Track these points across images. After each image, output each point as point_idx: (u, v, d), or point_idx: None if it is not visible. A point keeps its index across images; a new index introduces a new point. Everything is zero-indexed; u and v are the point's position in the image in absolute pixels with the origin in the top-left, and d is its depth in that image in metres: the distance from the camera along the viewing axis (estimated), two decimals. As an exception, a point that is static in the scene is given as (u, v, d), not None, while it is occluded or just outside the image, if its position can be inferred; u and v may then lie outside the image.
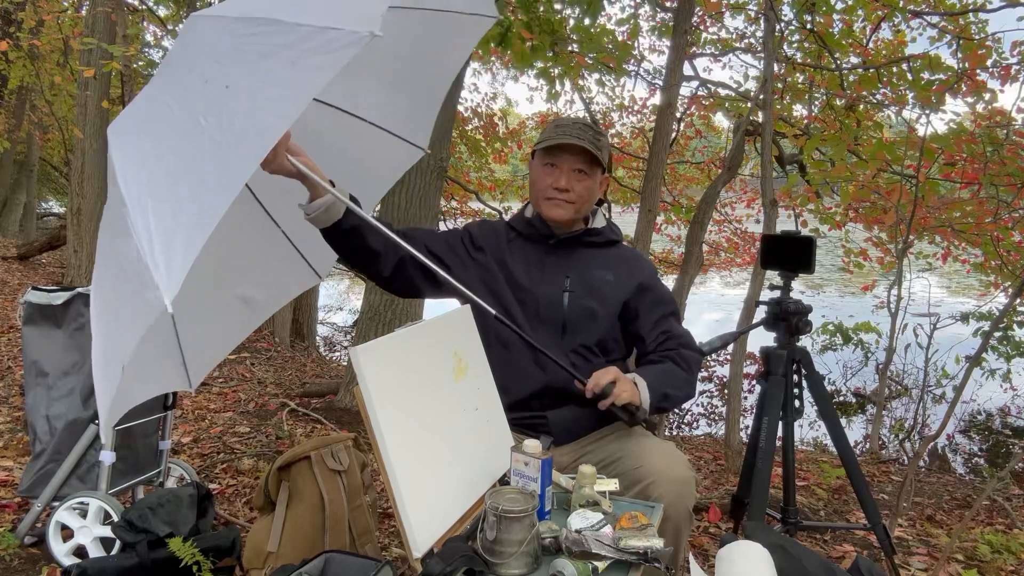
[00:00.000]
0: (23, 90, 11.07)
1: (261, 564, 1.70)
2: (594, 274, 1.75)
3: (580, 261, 1.76)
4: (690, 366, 1.74)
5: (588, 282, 1.74)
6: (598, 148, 1.71)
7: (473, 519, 1.28)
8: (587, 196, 1.74)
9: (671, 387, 1.66)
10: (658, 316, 1.77)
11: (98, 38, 6.07)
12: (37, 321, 2.04)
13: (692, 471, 1.56)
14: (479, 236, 1.81)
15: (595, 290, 1.73)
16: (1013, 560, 2.56)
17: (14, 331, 5.14)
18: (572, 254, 1.77)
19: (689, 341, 1.79)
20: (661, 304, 1.79)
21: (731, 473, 3.47)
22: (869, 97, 5.61)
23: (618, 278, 1.76)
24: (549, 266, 1.75)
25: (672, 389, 1.66)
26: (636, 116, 9.13)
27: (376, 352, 1.17)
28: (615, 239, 1.84)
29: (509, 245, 1.79)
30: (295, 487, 1.76)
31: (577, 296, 1.72)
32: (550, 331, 1.70)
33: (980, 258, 5.28)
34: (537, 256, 1.77)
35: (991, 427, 6.42)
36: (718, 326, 9.59)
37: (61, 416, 2.01)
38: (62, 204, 17.42)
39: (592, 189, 1.75)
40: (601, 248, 1.80)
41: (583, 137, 1.68)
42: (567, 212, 1.72)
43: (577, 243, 1.78)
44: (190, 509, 1.88)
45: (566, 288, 1.72)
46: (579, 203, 1.73)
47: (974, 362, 2.78)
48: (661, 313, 1.78)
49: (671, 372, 1.70)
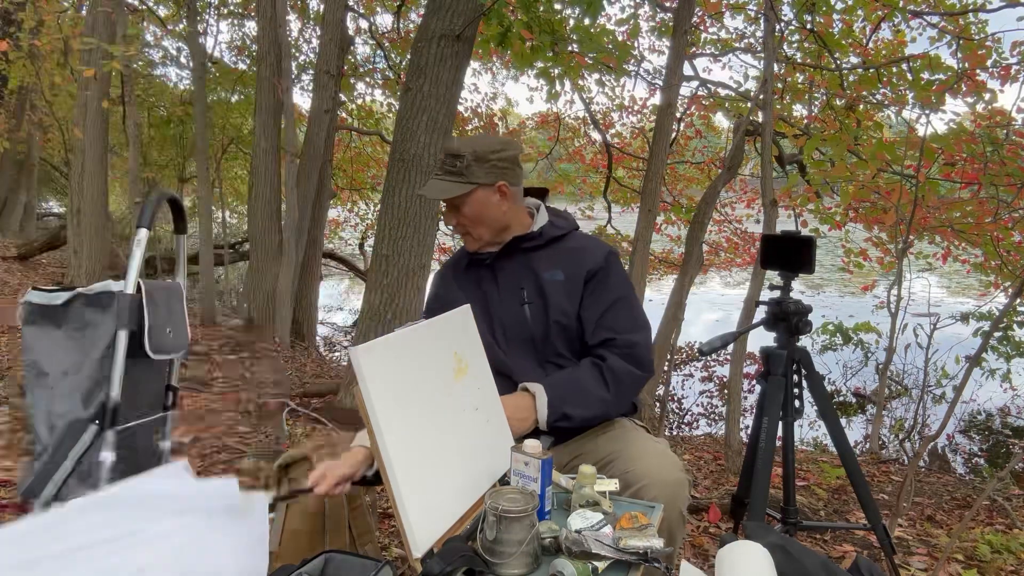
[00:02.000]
0: (23, 90, 11.07)
1: (261, 564, 1.70)
2: (545, 278, 1.70)
3: (529, 268, 1.72)
4: (616, 382, 1.62)
5: (542, 289, 1.69)
6: (455, 174, 1.65)
7: (473, 519, 1.28)
8: (474, 219, 1.69)
9: (576, 406, 1.58)
10: (603, 308, 1.67)
11: (98, 38, 6.07)
12: (37, 321, 2.04)
13: (684, 473, 1.54)
14: (448, 282, 1.82)
15: (550, 296, 1.67)
16: (1013, 560, 2.56)
17: (14, 331, 5.13)
18: (519, 264, 1.73)
19: (631, 346, 1.64)
20: (607, 292, 1.69)
21: (731, 473, 3.47)
22: (869, 97, 5.62)
23: (568, 276, 1.69)
24: (503, 284, 1.73)
25: (576, 408, 1.58)
26: (636, 116, 9.15)
27: (376, 352, 1.17)
28: (560, 233, 1.75)
29: (467, 274, 1.79)
30: (295, 487, 1.76)
31: (536, 308, 1.68)
32: (524, 348, 1.69)
33: (980, 258, 5.29)
34: (489, 277, 1.75)
35: (991, 427, 6.42)
36: (718, 326, 9.59)
37: (61, 416, 2.00)
38: (62, 204, 17.43)
39: (478, 211, 1.68)
40: (545, 248, 1.74)
41: (442, 173, 1.66)
42: (473, 243, 1.73)
43: (517, 251, 1.73)
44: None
45: (525, 300, 1.69)
46: (479, 230, 1.70)
47: (974, 362, 2.78)
48: (607, 303, 1.67)
49: (584, 387, 1.61)
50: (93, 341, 1.96)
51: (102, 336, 1.95)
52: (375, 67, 9.01)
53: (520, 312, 1.69)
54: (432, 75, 3.45)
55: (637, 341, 1.65)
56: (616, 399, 1.63)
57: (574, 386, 1.61)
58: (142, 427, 2.14)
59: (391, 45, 8.32)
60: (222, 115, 9.06)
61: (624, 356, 1.64)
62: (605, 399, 1.61)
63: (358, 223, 11.71)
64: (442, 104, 3.50)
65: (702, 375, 7.79)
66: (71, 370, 2.00)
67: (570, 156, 10.25)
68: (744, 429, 3.80)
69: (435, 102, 3.47)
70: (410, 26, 8.14)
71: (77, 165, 7.53)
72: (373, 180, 10.54)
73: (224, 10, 9.13)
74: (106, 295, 1.95)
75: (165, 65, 11.16)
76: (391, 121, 9.17)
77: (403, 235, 3.53)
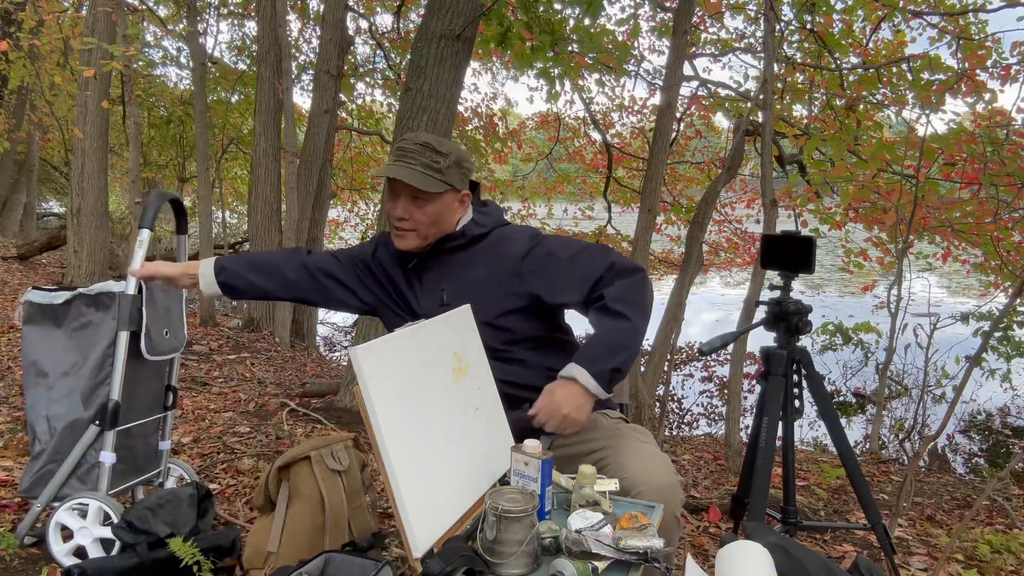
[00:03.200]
0: (23, 90, 11.08)
1: (261, 564, 1.70)
2: (467, 276, 1.66)
3: (451, 269, 1.69)
4: (624, 303, 1.55)
5: (463, 289, 1.64)
6: (437, 170, 1.61)
7: (473, 519, 1.28)
8: (432, 220, 1.65)
9: (616, 356, 1.53)
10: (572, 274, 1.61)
11: (98, 38, 6.07)
12: (37, 321, 2.03)
13: (676, 475, 1.53)
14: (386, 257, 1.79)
15: (469, 295, 1.60)
16: (1013, 560, 2.56)
17: (14, 331, 5.14)
18: (441, 265, 1.70)
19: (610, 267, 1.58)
20: (559, 260, 1.62)
21: (731, 473, 3.47)
22: (869, 97, 5.62)
23: (490, 270, 1.65)
24: (425, 284, 1.71)
25: (616, 357, 1.53)
26: (636, 116, 9.15)
27: (376, 352, 1.17)
28: (482, 232, 1.70)
29: (393, 274, 1.77)
30: (295, 487, 1.76)
31: (454, 308, 1.64)
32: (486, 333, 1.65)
33: (980, 258, 5.29)
34: (412, 278, 1.73)
35: (991, 427, 6.42)
36: (718, 326, 9.59)
37: (61, 417, 2.00)
38: (62, 204, 17.43)
39: (439, 212, 1.64)
40: (468, 248, 1.69)
41: (415, 163, 1.60)
42: (411, 242, 1.67)
43: (441, 252, 1.70)
44: (190, 509, 1.87)
45: (442, 302, 1.66)
46: (423, 229, 1.65)
47: (974, 362, 2.78)
48: (569, 268, 1.61)
49: (606, 336, 1.55)
50: (93, 342, 1.96)
51: (102, 337, 1.95)
52: (375, 67, 9.02)
53: (439, 312, 1.63)
54: (432, 75, 3.45)
55: (612, 261, 1.60)
56: (635, 315, 1.56)
57: (600, 343, 1.55)
58: (141, 427, 2.14)
59: (391, 45, 8.32)
60: (222, 115, 9.06)
61: (614, 281, 1.58)
62: (627, 328, 1.55)
63: (358, 223, 11.71)
64: (442, 104, 3.50)
65: (702, 375, 7.79)
66: (71, 370, 2.00)
67: (570, 156, 10.25)
68: (744, 429, 3.80)
69: (435, 102, 3.47)
70: (410, 26, 8.15)
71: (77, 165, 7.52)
72: (373, 180, 10.54)
73: (224, 10, 9.14)
74: (107, 295, 1.95)
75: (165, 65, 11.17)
76: (391, 121, 9.18)
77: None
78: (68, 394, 2.00)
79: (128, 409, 1.99)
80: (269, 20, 5.86)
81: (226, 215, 11.19)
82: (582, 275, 1.60)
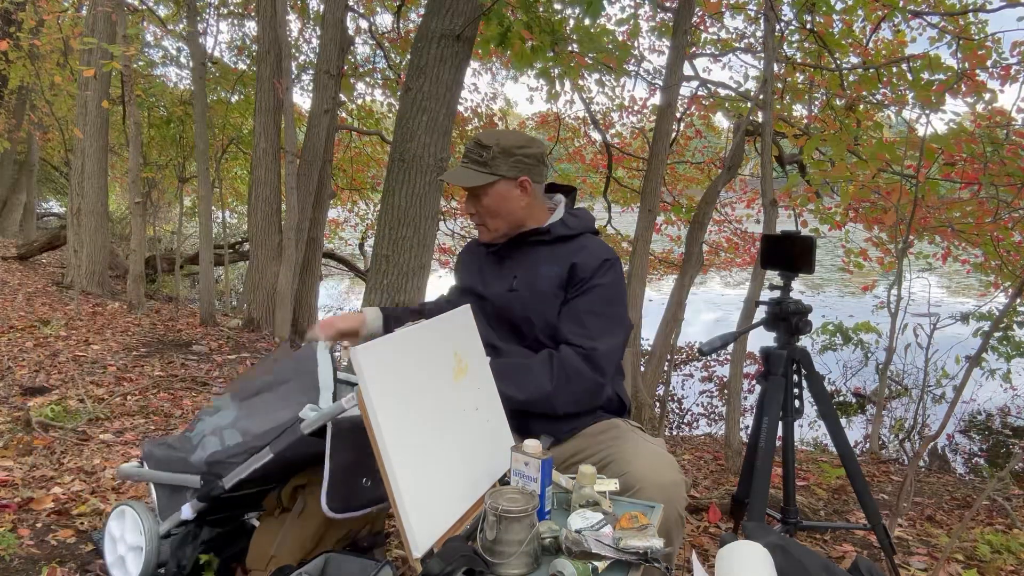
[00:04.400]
0: (23, 90, 11.08)
1: (263, 566, 1.70)
2: (541, 271, 1.72)
3: (528, 260, 1.76)
4: (563, 376, 1.60)
5: (533, 280, 1.72)
6: (480, 164, 1.70)
7: (473, 519, 1.28)
8: (492, 211, 1.73)
9: (510, 385, 1.57)
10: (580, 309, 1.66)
11: (98, 38, 6.08)
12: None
13: (680, 474, 1.54)
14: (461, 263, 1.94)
15: (538, 288, 1.71)
16: (1013, 560, 2.56)
17: (14, 331, 5.14)
18: (521, 253, 1.78)
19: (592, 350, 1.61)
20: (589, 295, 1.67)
21: (731, 473, 3.47)
22: (869, 97, 5.62)
23: (562, 269, 1.71)
24: (503, 269, 1.79)
25: (509, 388, 1.56)
26: (636, 116, 9.15)
27: (376, 352, 1.17)
28: (569, 233, 1.75)
29: (478, 254, 1.89)
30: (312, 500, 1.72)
31: (519, 296, 1.72)
32: (506, 331, 1.75)
33: (980, 258, 5.29)
34: (493, 262, 1.83)
35: (991, 427, 6.42)
36: (717, 326, 9.60)
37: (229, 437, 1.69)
38: (62, 204, 17.43)
39: (498, 204, 1.72)
40: (549, 245, 1.75)
41: (467, 161, 1.72)
42: (487, 235, 1.78)
43: (524, 243, 1.78)
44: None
45: (512, 287, 1.74)
46: (494, 219, 1.74)
47: (974, 362, 2.78)
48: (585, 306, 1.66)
49: (526, 372, 1.62)
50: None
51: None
52: (375, 67, 9.02)
53: (506, 297, 1.74)
54: (432, 75, 3.45)
55: (598, 347, 1.63)
56: (557, 392, 1.61)
57: (517, 368, 1.64)
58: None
59: (391, 45, 8.32)
60: (222, 115, 9.06)
61: (582, 356, 1.62)
62: (543, 388, 1.60)
63: (358, 223, 11.70)
64: (442, 104, 3.49)
65: (702, 375, 7.79)
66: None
67: (570, 156, 10.25)
68: (744, 429, 3.80)
69: (435, 102, 3.47)
70: (410, 26, 8.14)
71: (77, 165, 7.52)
72: (373, 180, 10.54)
73: (224, 10, 9.13)
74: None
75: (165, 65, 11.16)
76: (391, 121, 9.18)
77: (403, 235, 3.53)
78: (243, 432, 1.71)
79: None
80: (269, 20, 5.86)
81: (226, 215, 11.18)
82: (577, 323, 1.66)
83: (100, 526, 2.21)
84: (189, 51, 7.38)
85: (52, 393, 3.67)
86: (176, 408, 3.64)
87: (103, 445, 2.98)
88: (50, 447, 2.90)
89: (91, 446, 2.95)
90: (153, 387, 3.98)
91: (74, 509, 2.33)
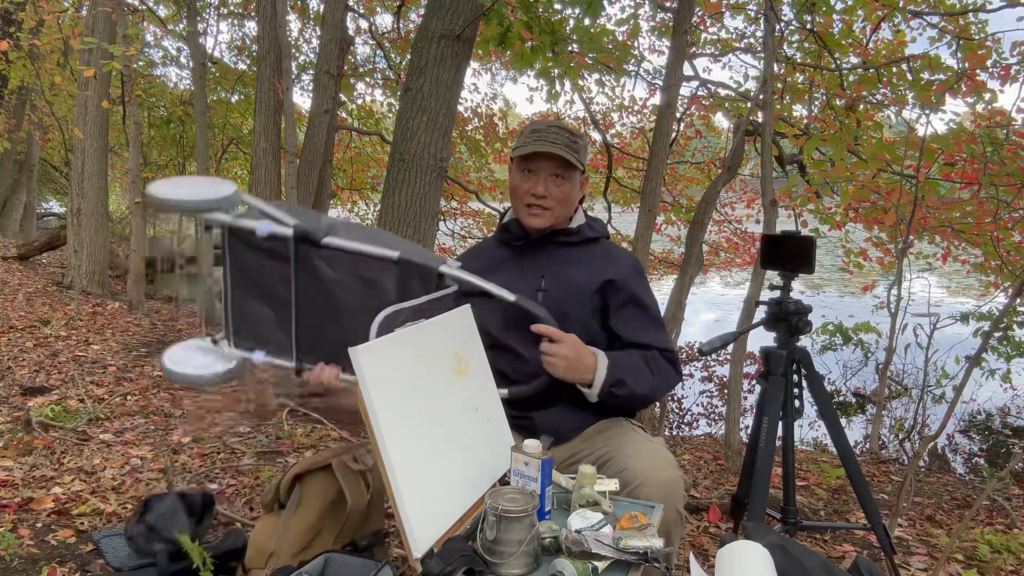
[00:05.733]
0: (23, 90, 11.07)
1: (263, 564, 1.70)
2: (569, 273, 1.73)
3: (555, 260, 1.76)
4: (660, 372, 1.68)
5: (563, 282, 1.72)
6: (575, 151, 1.71)
7: (473, 519, 1.28)
8: (566, 200, 1.74)
9: (631, 378, 1.62)
10: (642, 320, 1.72)
11: (98, 38, 6.07)
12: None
13: (679, 471, 1.54)
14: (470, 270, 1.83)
15: (568, 290, 1.71)
16: (1013, 560, 2.56)
17: (14, 331, 5.14)
18: (547, 254, 1.77)
19: (671, 351, 1.72)
20: (642, 306, 1.73)
21: (731, 473, 3.47)
22: (869, 97, 5.61)
23: (591, 273, 1.73)
24: (526, 267, 1.76)
25: (631, 380, 1.62)
26: (636, 116, 9.15)
27: (376, 352, 1.17)
28: (594, 236, 1.80)
29: (490, 254, 1.83)
30: (309, 492, 1.73)
31: (550, 296, 1.71)
32: (525, 333, 1.68)
33: (980, 258, 5.29)
34: (514, 258, 1.79)
35: (991, 427, 6.42)
36: (717, 326, 9.58)
37: None
38: (62, 204, 17.43)
39: (571, 193, 1.75)
40: (577, 247, 1.78)
41: (559, 141, 1.69)
42: (545, 220, 1.73)
43: (550, 243, 1.77)
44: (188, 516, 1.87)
45: (540, 288, 1.72)
46: (557, 208, 1.73)
47: (974, 362, 2.78)
48: (644, 317, 1.73)
49: (639, 366, 1.65)
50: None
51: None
52: (375, 67, 9.02)
53: (533, 297, 1.71)
54: (432, 75, 3.45)
55: (671, 348, 1.73)
56: (658, 387, 1.68)
57: (631, 362, 1.65)
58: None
59: (391, 45, 8.32)
60: (222, 115, 9.06)
61: (666, 358, 1.70)
62: (653, 383, 1.66)
63: (358, 223, 11.68)
64: (442, 104, 3.49)
65: (702, 375, 7.78)
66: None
67: (570, 156, 10.21)
68: (744, 429, 3.79)
69: (435, 102, 3.47)
70: (410, 26, 8.14)
71: (77, 165, 7.52)
72: (373, 180, 10.53)
73: (224, 10, 9.13)
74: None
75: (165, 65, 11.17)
76: (391, 121, 9.17)
77: (403, 235, 3.53)
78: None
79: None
80: (269, 20, 5.86)
81: (226, 215, 11.16)
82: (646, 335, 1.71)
83: (100, 526, 2.22)
84: (189, 51, 7.38)
85: (52, 393, 3.67)
86: (176, 408, 3.64)
87: (103, 445, 2.98)
88: (50, 447, 2.90)
89: (91, 446, 2.95)
90: (153, 387, 3.98)
91: (74, 509, 2.33)
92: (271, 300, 1.61)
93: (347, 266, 1.57)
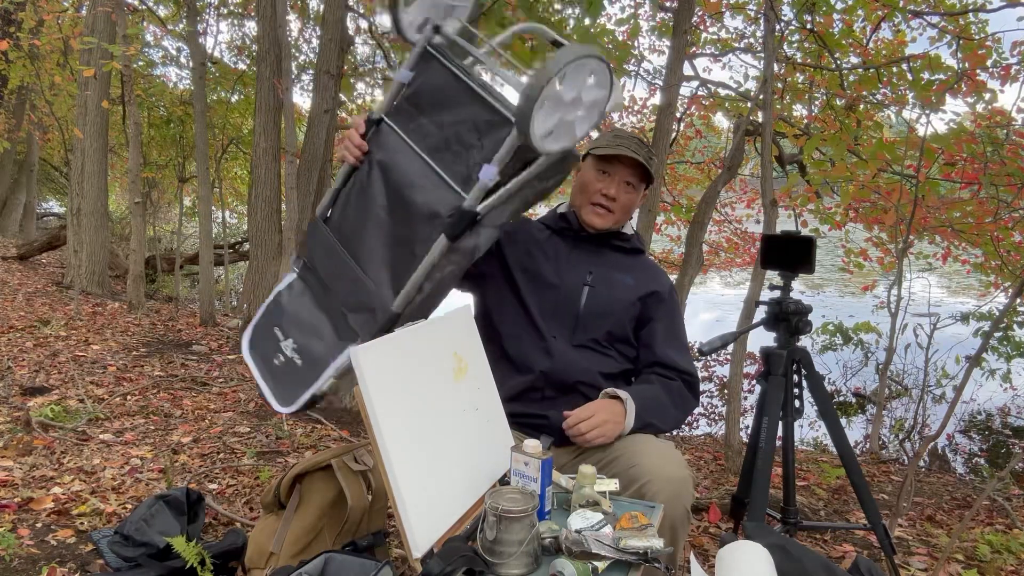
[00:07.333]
0: (23, 90, 11.06)
1: (263, 564, 1.70)
2: (615, 275, 1.80)
3: (604, 260, 1.82)
4: (682, 404, 1.76)
5: (608, 283, 1.78)
6: (649, 162, 1.77)
7: (473, 519, 1.28)
8: (629, 207, 1.80)
9: (657, 418, 1.69)
10: (671, 338, 1.80)
11: (98, 38, 6.07)
12: None
13: (688, 470, 1.56)
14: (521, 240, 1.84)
15: (614, 289, 1.77)
16: (1013, 560, 2.56)
17: (14, 331, 5.14)
18: (598, 252, 1.82)
19: (692, 376, 1.79)
20: (675, 325, 1.83)
21: (731, 473, 3.47)
22: (869, 97, 5.61)
23: (637, 282, 1.80)
24: (574, 260, 1.80)
25: (657, 420, 1.69)
26: (636, 116, 9.13)
27: (376, 352, 1.17)
28: (640, 248, 1.88)
29: (538, 239, 1.84)
30: (309, 492, 1.74)
31: (596, 291, 1.76)
32: (563, 321, 1.74)
33: (980, 258, 5.28)
34: (565, 250, 1.82)
35: (991, 427, 6.41)
36: (717, 326, 9.58)
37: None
38: (62, 204, 17.42)
39: (635, 202, 1.81)
40: (626, 254, 1.85)
41: (639, 152, 1.74)
42: (607, 221, 1.78)
43: (604, 244, 1.83)
44: (178, 516, 1.88)
45: (587, 282, 1.77)
46: (620, 213, 1.79)
47: (974, 362, 2.78)
48: (675, 335, 1.81)
49: (663, 403, 1.72)
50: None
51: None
52: (375, 67, 9.01)
53: (577, 290, 1.76)
54: (432, 75, 3.45)
55: (695, 375, 1.79)
56: (680, 418, 1.78)
57: (656, 400, 1.71)
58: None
59: (391, 45, 8.32)
60: (222, 115, 9.05)
61: (687, 384, 1.78)
62: (677, 417, 1.76)
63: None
64: (442, 104, 3.49)
65: (702, 375, 7.78)
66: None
67: (570, 156, 10.21)
68: (744, 429, 3.79)
69: (435, 102, 3.46)
70: (410, 26, 8.12)
71: (77, 165, 7.52)
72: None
73: (224, 10, 9.13)
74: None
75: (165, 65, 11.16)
76: (391, 121, 9.14)
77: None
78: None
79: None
80: (269, 20, 5.86)
81: (226, 215, 11.17)
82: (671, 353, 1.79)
83: (100, 526, 2.22)
84: (189, 51, 7.38)
85: (52, 393, 3.67)
86: (176, 408, 3.64)
87: (103, 445, 2.98)
88: (50, 447, 2.90)
89: (91, 446, 2.95)
90: (153, 387, 3.98)
91: (74, 509, 2.33)
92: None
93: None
